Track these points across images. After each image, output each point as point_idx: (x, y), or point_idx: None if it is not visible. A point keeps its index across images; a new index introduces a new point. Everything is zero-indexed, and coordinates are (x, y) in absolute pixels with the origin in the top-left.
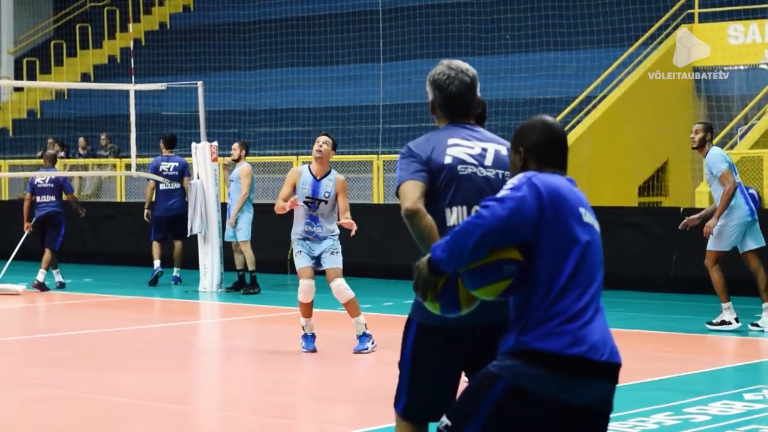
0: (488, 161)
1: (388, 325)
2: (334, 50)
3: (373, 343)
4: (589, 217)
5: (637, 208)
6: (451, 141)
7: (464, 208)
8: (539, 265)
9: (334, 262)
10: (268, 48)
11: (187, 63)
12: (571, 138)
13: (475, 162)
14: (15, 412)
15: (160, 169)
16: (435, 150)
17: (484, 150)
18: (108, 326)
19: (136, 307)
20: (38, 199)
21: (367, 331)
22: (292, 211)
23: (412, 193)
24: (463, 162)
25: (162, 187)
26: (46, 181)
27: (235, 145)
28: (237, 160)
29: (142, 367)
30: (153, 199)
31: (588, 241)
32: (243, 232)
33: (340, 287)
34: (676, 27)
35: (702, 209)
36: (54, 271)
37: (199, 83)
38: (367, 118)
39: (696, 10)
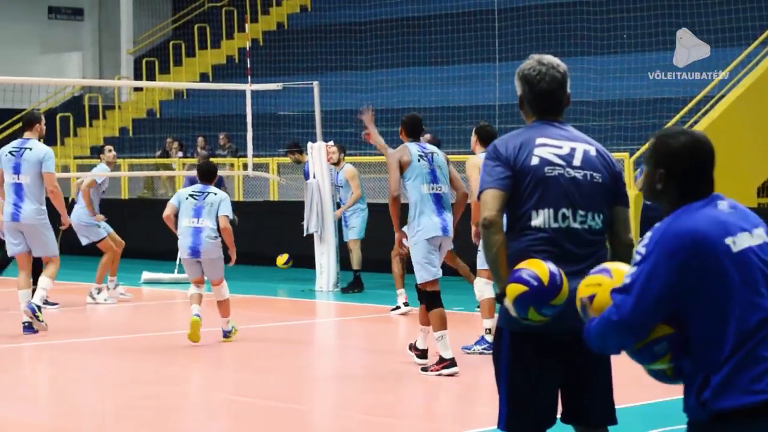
0: (577, 161)
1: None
2: (449, 50)
3: (481, 344)
4: (743, 239)
5: (756, 209)
6: (539, 141)
7: (551, 210)
8: (694, 331)
9: None
10: (385, 48)
11: (303, 63)
12: None
13: (563, 162)
14: (129, 410)
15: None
16: (522, 150)
17: (573, 150)
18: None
19: (253, 306)
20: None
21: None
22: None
23: (493, 203)
24: (551, 163)
25: None
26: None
27: (333, 149)
28: (337, 164)
29: (257, 365)
30: None
31: (742, 279)
32: (355, 231)
33: None
34: None
35: None
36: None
37: (315, 83)
38: (483, 118)
39: None
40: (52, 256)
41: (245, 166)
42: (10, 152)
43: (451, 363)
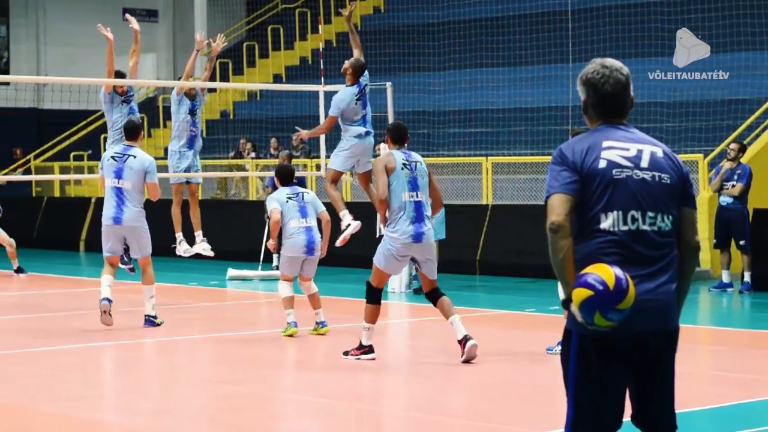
0: (644, 163)
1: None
2: (523, 51)
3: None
4: None
5: None
6: (605, 143)
7: (620, 213)
8: None
9: None
10: (458, 49)
11: (376, 64)
12: (765, 139)
13: (631, 164)
14: (204, 410)
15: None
16: (589, 153)
17: (640, 151)
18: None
19: (325, 306)
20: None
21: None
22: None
23: (560, 208)
24: (619, 165)
25: None
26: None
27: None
28: None
29: (329, 365)
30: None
31: None
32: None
33: None
34: None
35: None
36: None
37: (388, 84)
38: (556, 119)
39: None
40: (145, 257)
41: (318, 167)
42: (112, 157)
43: (370, 350)
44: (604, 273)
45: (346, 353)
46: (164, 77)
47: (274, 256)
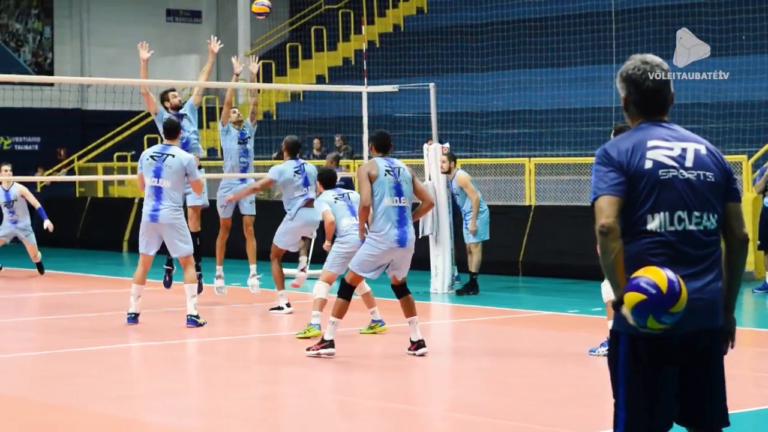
0: (689, 162)
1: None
2: (566, 51)
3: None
4: None
5: None
6: (650, 143)
7: (666, 213)
8: None
9: None
10: (501, 49)
11: (419, 65)
12: None
13: (676, 164)
14: (246, 410)
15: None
16: (634, 154)
17: (684, 150)
18: (342, 325)
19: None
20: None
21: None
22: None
23: (609, 209)
24: (664, 166)
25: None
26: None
27: (443, 157)
28: (448, 172)
29: (372, 366)
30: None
31: None
32: (477, 233)
33: None
34: None
35: None
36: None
37: (431, 85)
38: (600, 119)
39: None
40: (186, 255)
41: None
42: (151, 156)
43: (330, 344)
44: (656, 276)
45: (308, 349)
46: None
47: (302, 259)
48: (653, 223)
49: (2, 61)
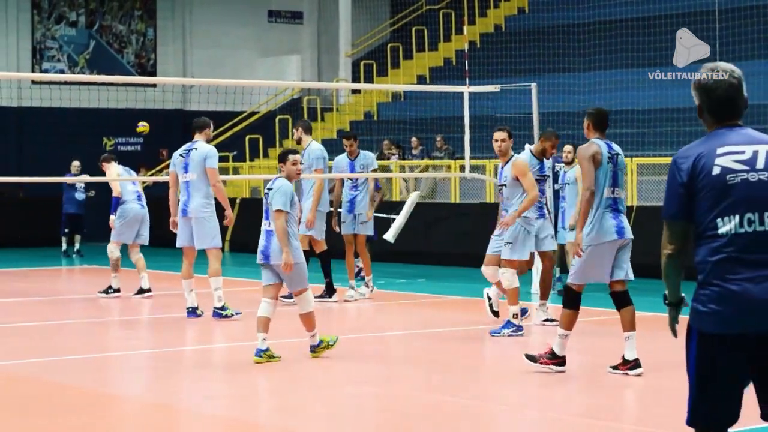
0: (760, 164)
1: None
2: (668, 51)
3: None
4: None
5: None
6: (720, 150)
7: (736, 217)
8: None
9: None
10: (603, 49)
11: (521, 65)
12: None
13: (746, 167)
14: (338, 409)
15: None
16: (703, 161)
17: (755, 153)
18: (439, 326)
19: (465, 308)
20: None
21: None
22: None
23: (677, 236)
24: (732, 171)
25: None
26: None
27: (569, 147)
28: (570, 163)
29: (458, 366)
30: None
31: None
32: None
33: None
34: None
35: None
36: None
37: (533, 85)
38: None
39: None
40: (213, 248)
41: (462, 168)
42: (180, 154)
43: (562, 362)
44: None
45: (532, 359)
46: (308, 78)
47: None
48: (723, 228)
49: (106, 62)
